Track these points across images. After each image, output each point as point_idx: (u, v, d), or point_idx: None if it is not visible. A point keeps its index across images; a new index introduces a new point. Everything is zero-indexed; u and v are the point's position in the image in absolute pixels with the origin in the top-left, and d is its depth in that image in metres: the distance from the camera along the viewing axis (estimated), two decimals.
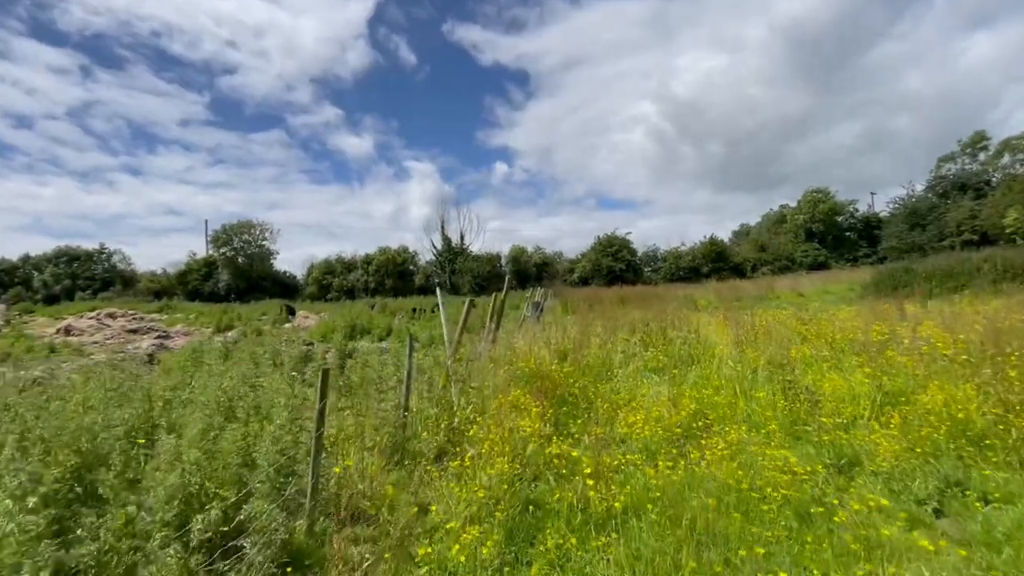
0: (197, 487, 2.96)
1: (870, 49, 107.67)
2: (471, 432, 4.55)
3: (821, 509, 3.31)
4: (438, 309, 21.82)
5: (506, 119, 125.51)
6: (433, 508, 3.40)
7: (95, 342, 14.09)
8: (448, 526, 3.12)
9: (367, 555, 3.01)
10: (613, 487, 3.47)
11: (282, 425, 3.43)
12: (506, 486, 3.47)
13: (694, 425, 4.70)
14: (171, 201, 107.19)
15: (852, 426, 4.52)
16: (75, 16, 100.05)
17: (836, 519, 3.16)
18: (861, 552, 2.83)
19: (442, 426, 4.66)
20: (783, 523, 3.11)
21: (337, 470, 3.77)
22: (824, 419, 4.46)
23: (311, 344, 10.03)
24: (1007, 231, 41.90)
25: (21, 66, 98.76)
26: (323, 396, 3.20)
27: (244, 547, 2.76)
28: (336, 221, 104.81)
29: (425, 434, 4.47)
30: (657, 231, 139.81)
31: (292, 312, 20.25)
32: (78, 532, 2.54)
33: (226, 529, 2.82)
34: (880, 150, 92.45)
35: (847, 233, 57.96)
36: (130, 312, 22.80)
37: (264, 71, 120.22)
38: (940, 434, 4.05)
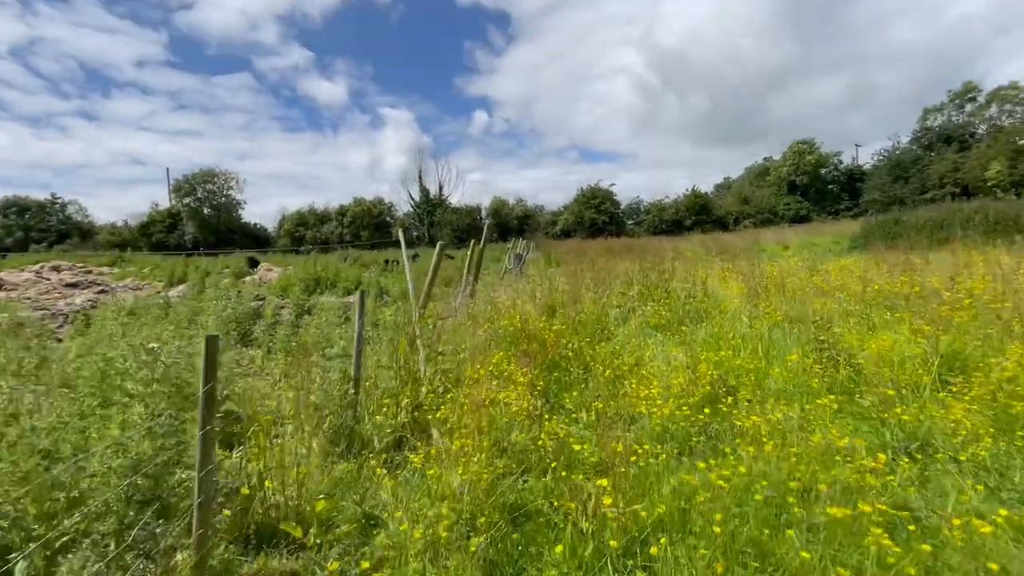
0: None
1: (857, 0, 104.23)
2: (440, 413, 3.55)
3: (906, 514, 2.44)
4: (413, 260, 20.59)
5: (486, 65, 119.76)
6: (379, 535, 2.43)
7: (27, 298, 12.60)
8: (398, 560, 2.17)
9: None
10: (630, 492, 2.53)
11: (157, 415, 2.36)
12: (483, 495, 2.51)
13: (719, 396, 3.79)
14: (134, 150, 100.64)
15: (914, 398, 3.67)
16: None
17: (935, 534, 2.29)
18: None
19: (403, 404, 3.66)
20: (871, 539, 2.21)
21: (255, 468, 2.75)
22: (883, 390, 3.57)
23: (263, 300, 8.86)
24: (988, 184, 41.81)
25: None
26: (210, 375, 2.12)
27: None
28: (310, 172, 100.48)
29: (380, 416, 3.47)
30: (640, 184, 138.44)
31: (255, 264, 18.79)
32: None
33: None
34: (863, 104, 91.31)
35: (830, 186, 57.49)
36: (78, 265, 20.94)
37: (225, 6, 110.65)
38: None
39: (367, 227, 56.58)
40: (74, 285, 13.22)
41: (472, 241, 7.83)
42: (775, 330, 5.25)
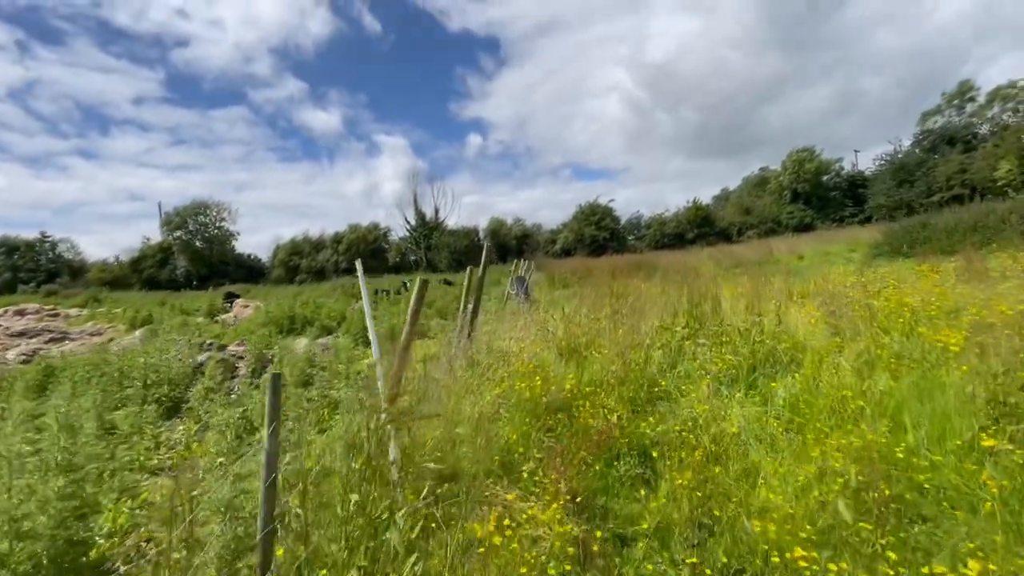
0: None
1: (841, 8, 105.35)
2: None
3: None
4: (404, 289, 18.96)
5: (478, 90, 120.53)
6: None
7: None
8: None
9: None
10: None
11: None
12: None
13: (884, 516, 2.21)
14: (133, 186, 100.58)
15: None
16: None
17: None
18: None
19: (356, 565, 2.10)
20: None
21: None
22: None
23: (211, 348, 7.25)
24: (999, 183, 40.65)
25: None
26: None
27: None
28: (308, 201, 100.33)
29: None
30: (635, 199, 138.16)
31: (232, 300, 17.26)
32: None
33: None
34: (852, 111, 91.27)
35: (832, 193, 56.42)
36: (46, 308, 19.41)
37: (219, 42, 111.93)
38: None
39: (362, 253, 55.25)
40: (21, 334, 11.71)
41: (470, 267, 6.32)
42: (903, 382, 3.69)
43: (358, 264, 4.46)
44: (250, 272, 59.77)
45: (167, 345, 6.78)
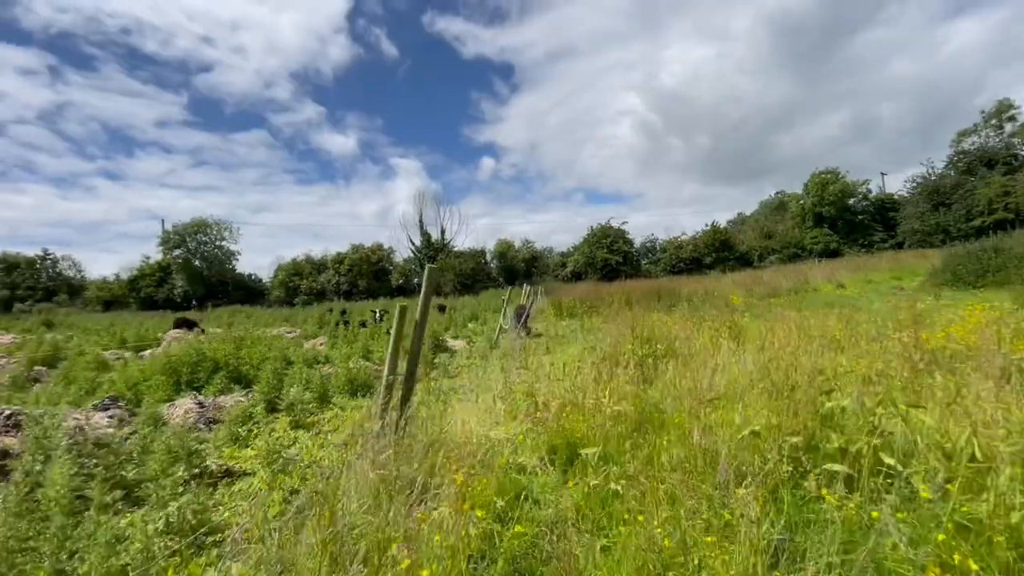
0: None
1: (855, 35, 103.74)
2: None
3: None
4: (376, 321, 16.32)
5: (492, 114, 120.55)
6: None
7: None
8: None
9: None
10: None
11: None
12: None
13: None
14: (154, 206, 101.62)
15: None
16: (40, 14, 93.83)
17: None
18: None
19: None
20: None
21: None
22: None
23: (33, 416, 4.74)
24: None
25: None
26: None
27: None
28: (324, 223, 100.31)
29: None
30: (647, 224, 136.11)
31: (191, 327, 14.90)
32: None
33: None
34: (865, 138, 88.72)
35: (859, 217, 53.24)
36: None
37: (242, 68, 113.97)
38: None
39: (365, 275, 53.21)
40: None
41: (399, 305, 3.72)
42: None
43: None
44: (249, 293, 57.96)
45: None
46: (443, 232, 55.59)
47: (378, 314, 16.98)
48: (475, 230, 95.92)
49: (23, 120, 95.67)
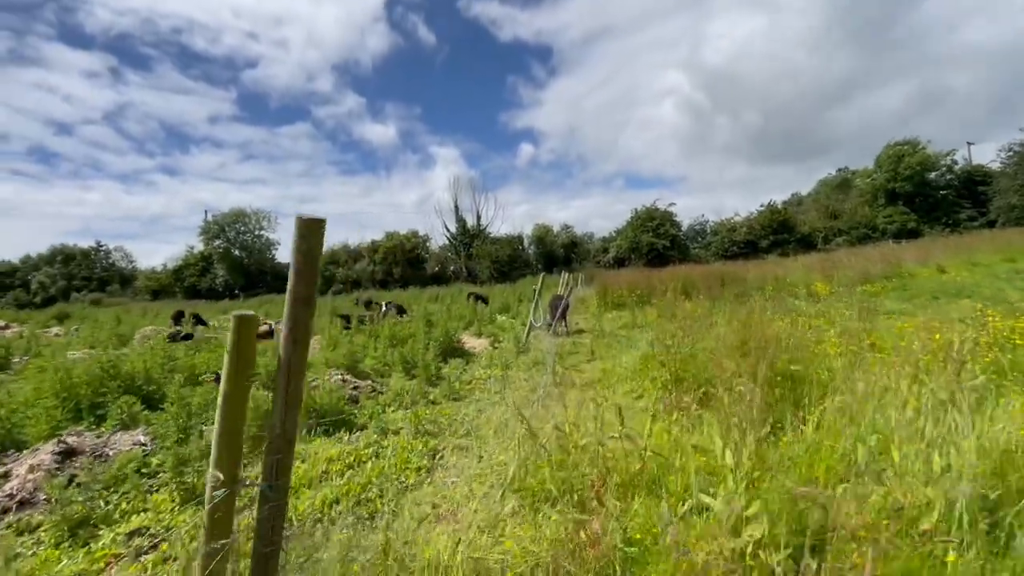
0: None
1: (919, 2, 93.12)
2: None
3: None
4: (389, 308, 14.16)
5: (530, 99, 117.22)
6: None
7: None
8: None
9: None
10: None
11: None
12: None
13: None
14: (207, 200, 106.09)
15: None
16: (100, 17, 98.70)
17: None
18: None
19: None
20: None
21: None
22: None
23: None
24: None
25: (55, 72, 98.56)
26: None
27: None
28: (367, 211, 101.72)
29: None
30: (691, 208, 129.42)
31: (201, 322, 13.49)
32: None
33: None
34: (935, 110, 79.36)
35: (942, 192, 47.21)
36: (13, 325, 16.50)
37: (285, 61, 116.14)
38: None
39: (399, 263, 51.86)
40: None
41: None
42: None
43: None
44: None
45: None
46: (479, 218, 53.54)
47: (384, 307, 14.80)
48: (512, 217, 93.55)
49: (90, 120, 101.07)
